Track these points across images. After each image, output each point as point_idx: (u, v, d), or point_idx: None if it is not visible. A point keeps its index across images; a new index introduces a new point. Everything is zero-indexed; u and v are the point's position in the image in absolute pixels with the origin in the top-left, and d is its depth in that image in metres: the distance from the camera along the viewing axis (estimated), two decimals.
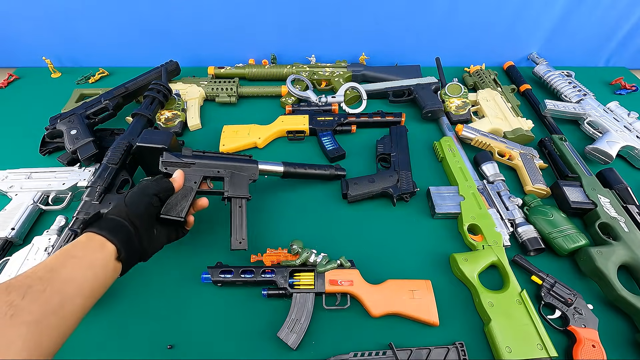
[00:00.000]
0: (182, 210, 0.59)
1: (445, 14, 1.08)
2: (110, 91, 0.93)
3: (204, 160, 0.68)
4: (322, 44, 1.15)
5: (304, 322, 0.59)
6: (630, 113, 0.92)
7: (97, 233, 0.45)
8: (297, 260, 0.64)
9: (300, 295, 0.61)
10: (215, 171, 0.68)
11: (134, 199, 0.52)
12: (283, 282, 0.62)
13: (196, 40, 1.14)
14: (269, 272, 0.63)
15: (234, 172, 0.69)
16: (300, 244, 0.65)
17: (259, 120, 0.96)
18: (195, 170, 0.66)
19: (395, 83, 1.04)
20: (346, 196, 0.77)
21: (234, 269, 0.63)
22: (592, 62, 1.22)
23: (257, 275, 0.63)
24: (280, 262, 0.64)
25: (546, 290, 0.63)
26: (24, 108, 1.04)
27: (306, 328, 0.58)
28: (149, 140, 0.70)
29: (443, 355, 0.56)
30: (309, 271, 0.64)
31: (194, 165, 0.66)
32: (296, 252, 0.65)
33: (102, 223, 0.47)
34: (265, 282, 0.63)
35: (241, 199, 0.67)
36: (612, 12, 1.08)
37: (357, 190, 0.76)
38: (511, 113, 0.95)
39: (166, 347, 0.58)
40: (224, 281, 0.63)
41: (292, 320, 0.59)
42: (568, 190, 0.76)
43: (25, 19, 1.08)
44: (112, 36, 1.13)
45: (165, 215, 0.57)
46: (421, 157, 0.89)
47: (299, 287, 0.62)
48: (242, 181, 0.68)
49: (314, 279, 0.63)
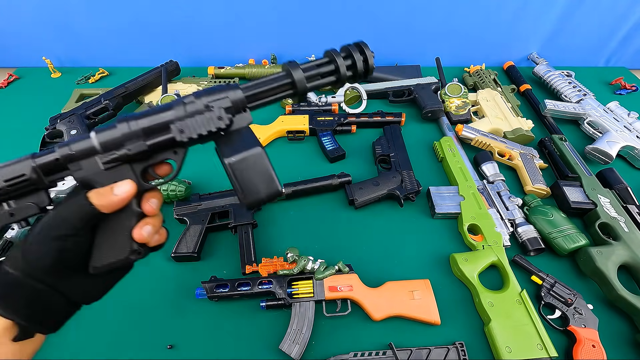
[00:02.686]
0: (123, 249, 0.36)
1: (445, 14, 1.08)
2: (110, 91, 0.93)
3: (210, 200, 0.75)
4: (322, 44, 1.14)
5: (305, 332, 0.58)
6: (630, 113, 0.92)
7: None
8: (295, 269, 0.62)
9: (300, 305, 0.60)
10: (220, 207, 0.74)
11: (34, 246, 0.33)
12: (282, 292, 0.61)
13: (196, 40, 1.14)
14: (266, 282, 0.62)
15: (236, 204, 0.74)
16: (296, 251, 0.64)
17: (259, 120, 0.96)
18: (203, 210, 0.73)
19: (395, 83, 1.04)
20: (353, 202, 0.76)
21: (230, 282, 0.61)
22: (592, 62, 1.22)
23: (254, 287, 0.61)
24: (277, 271, 0.63)
25: (546, 290, 0.63)
26: (24, 108, 1.04)
27: (308, 338, 0.57)
28: None
29: (443, 355, 0.56)
30: (308, 279, 0.63)
31: (201, 207, 0.74)
32: (293, 260, 0.63)
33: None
34: (263, 294, 0.62)
35: (247, 226, 0.71)
36: (612, 12, 1.08)
37: (364, 195, 0.76)
38: (511, 113, 0.95)
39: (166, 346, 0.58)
40: (220, 296, 0.61)
41: (294, 331, 0.58)
42: (568, 190, 0.76)
43: (25, 19, 1.08)
44: (112, 36, 1.13)
45: (98, 265, 0.36)
46: (421, 157, 0.89)
47: (298, 296, 0.61)
48: (246, 210, 0.73)
49: (313, 287, 0.62)
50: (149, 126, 0.35)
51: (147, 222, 0.37)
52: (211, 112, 0.36)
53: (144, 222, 0.37)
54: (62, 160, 0.34)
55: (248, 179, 0.37)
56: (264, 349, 0.58)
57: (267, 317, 0.62)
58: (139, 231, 0.36)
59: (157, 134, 0.35)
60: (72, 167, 0.35)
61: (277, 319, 0.61)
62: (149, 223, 0.37)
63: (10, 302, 0.32)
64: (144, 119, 0.35)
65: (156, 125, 0.35)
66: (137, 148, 0.35)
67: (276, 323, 0.61)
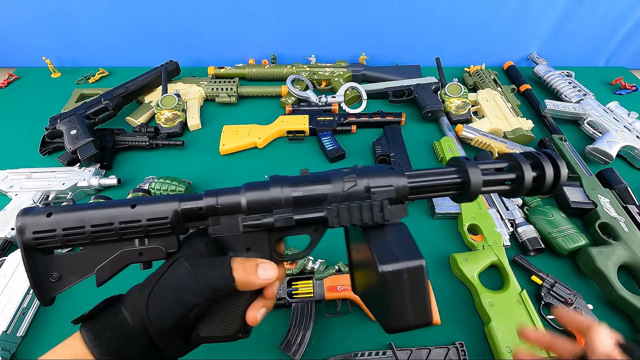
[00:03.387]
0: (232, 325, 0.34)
1: (445, 13, 1.08)
2: (110, 91, 0.93)
3: None
4: (322, 44, 1.15)
5: (305, 332, 0.58)
6: (630, 113, 0.92)
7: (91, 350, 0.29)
8: (295, 269, 0.63)
9: (300, 305, 0.60)
10: None
11: (162, 302, 0.31)
12: (281, 292, 0.61)
13: (196, 40, 1.14)
14: None
15: None
16: (296, 251, 0.64)
17: (259, 120, 0.96)
18: None
19: (395, 83, 1.04)
20: None
21: None
22: (592, 62, 1.22)
23: None
24: None
25: (546, 290, 0.63)
26: (24, 108, 1.04)
27: (308, 338, 0.57)
28: None
29: (443, 355, 0.56)
30: (307, 279, 0.63)
31: None
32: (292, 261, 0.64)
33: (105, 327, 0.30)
34: None
35: None
36: (612, 12, 1.08)
37: None
38: (511, 113, 0.95)
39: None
40: None
41: (294, 331, 0.58)
42: (568, 190, 0.76)
43: (25, 19, 1.08)
44: (112, 36, 1.13)
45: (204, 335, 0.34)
46: (421, 157, 0.89)
47: (298, 296, 0.61)
48: None
49: (313, 287, 0.62)
50: (301, 196, 0.32)
51: (265, 304, 0.34)
52: (372, 200, 0.32)
53: (262, 304, 0.34)
54: (205, 212, 0.32)
55: (398, 296, 0.29)
56: (264, 349, 0.58)
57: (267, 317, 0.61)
58: (255, 314, 0.34)
59: (308, 207, 0.32)
60: (212, 221, 0.33)
61: (277, 319, 0.61)
62: (266, 305, 0.34)
63: (124, 354, 0.30)
64: (298, 187, 0.32)
65: (309, 198, 0.32)
66: (284, 222, 0.32)
67: (276, 323, 0.61)
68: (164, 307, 0.30)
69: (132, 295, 0.32)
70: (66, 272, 0.32)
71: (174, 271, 0.31)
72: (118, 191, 0.80)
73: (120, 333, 0.30)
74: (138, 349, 0.30)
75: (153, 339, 0.31)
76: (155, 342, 0.31)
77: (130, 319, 0.30)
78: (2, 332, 0.55)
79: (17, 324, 0.58)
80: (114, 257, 0.32)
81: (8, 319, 0.56)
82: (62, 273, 0.32)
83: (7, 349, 0.55)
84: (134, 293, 0.33)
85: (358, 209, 0.31)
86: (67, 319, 0.41)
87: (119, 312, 0.31)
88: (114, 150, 0.89)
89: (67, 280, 0.32)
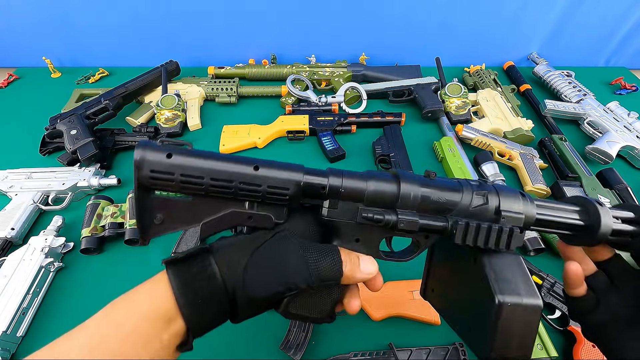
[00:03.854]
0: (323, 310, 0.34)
1: (445, 13, 1.08)
2: (110, 91, 0.93)
3: None
4: (322, 44, 1.15)
5: (305, 332, 0.57)
6: (630, 113, 0.92)
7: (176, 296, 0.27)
8: None
9: None
10: None
11: (261, 272, 0.29)
12: None
13: (196, 40, 1.14)
14: None
15: None
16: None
17: (259, 120, 0.96)
18: None
19: (395, 83, 1.05)
20: None
21: None
22: (592, 62, 1.22)
23: None
24: None
25: (546, 290, 0.63)
26: (24, 108, 1.04)
27: (308, 338, 0.57)
28: None
29: (443, 355, 0.56)
30: None
31: None
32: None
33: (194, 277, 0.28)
34: None
35: None
36: (612, 12, 1.08)
37: None
38: (511, 113, 0.95)
39: None
40: None
41: (294, 332, 0.57)
42: (568, 190, 0.76)
43: (25, 19, 1.08)
44: (112, 36, 1.13)
45: (293, 312, 0.33)
46: (421, 157, 0.89)
47: None
48: None
49: None
50: (430, 200, 0.30)
51: (358, 294, 0.35)
52: (501, 225, 0.29)
53: (358, 294, 0.35)
54: (328, 192, 0.30)
55: (508, 329, 0.28)
56: (264, 349, 0.58)
57: (267, 318, 0.62)
58: (358, 303, 0.34)
59: (431, 212, 0.30)
60: (330, 203, 0.31)
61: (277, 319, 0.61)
62: (360, 298, 0.35)
63: (204, 310, 0.28)
64: (427, 188, 0.30)
65: (437, 204, 0.30)
66: (408, 226, 0.30)
67: (276, 323, 0.61)
68: (262, 277, 0.29)
69: (227, 253, 0.30)
70: (170, 217, 0.30)
71: (281, 246, 0.30)
72: (118, 191, 0.80)
73: (208, 287, 0.28)
74: (217, 308, 0.29)
75: (236, 302, 0.29)
76: (237, 306, 0.29)
77: (220, 276, 0.28)
78: (2, 332, 0.55)
79: (17, 324, 0.58)
80: (224, 214, 0.30)
81: (8, 319, 0.56)
82: (166, 217, 0.30)
83: (7, 349, 0.56)
84: (229, 250, 0.30)
85: (487, 230, 0.29)
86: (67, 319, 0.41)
87: (208, 265, 0.28)
88: (114, 150, 0.89)
89: (169, 225, 0.30)
